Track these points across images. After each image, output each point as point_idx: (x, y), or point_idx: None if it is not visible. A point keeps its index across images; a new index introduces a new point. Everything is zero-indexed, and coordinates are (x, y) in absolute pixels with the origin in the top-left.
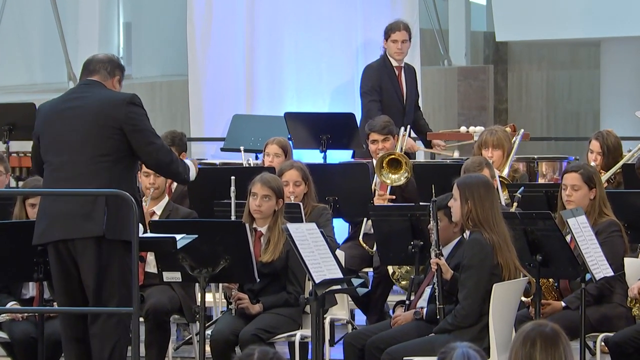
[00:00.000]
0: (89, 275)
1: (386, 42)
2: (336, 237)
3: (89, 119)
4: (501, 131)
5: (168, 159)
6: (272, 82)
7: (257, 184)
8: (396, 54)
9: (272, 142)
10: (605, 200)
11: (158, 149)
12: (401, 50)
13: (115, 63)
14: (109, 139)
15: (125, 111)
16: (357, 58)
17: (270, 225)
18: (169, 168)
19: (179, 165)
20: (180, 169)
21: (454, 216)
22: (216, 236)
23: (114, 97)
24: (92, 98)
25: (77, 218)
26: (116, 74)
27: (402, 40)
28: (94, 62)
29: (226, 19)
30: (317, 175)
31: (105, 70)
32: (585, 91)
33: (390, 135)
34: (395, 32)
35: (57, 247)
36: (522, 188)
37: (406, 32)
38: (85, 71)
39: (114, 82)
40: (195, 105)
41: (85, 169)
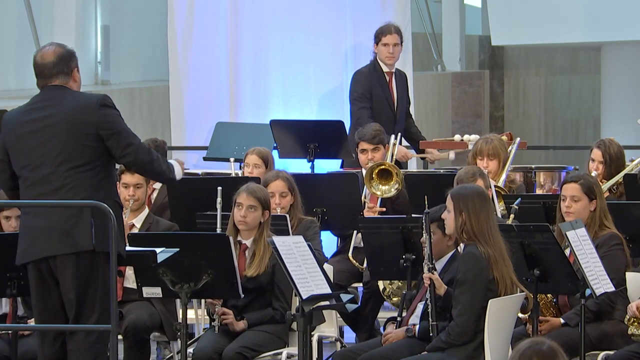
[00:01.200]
0: (71, 290)
1: (376, 46)
2: (324, 250)
3: (63, 128)
4: (497, 140)
5: (149, 158)
6: (257, 88)
7: (243, 194)
8: (387, 58)
9: (251, 152)
10: (606, 212)
11: (137, 149)
12: (392, 55)
13: (66, 57)
14: (87, 148)
15: (99, 115)
16: (346, 63)
17: (255, 237)
18: (152, 167)
19: (162, 163)
20: (164, 167)
21: (448, 229)
22: (198, 249)
23: (84, 101)
24: (62, 106)
25: (60, 233)
26: (72, 66)
27: (393, 44)
28: (47, 68)
29: (209, 22)
30: (304, 186)
31: (62, 73)
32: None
33: (380, 144)
34: (387, 36)
35: (38, 265)
36: (519, 199)
37: (398, 35)
38: (41, 78)
39: (74, 76)
40: (176, 112)
41: (64, 182)
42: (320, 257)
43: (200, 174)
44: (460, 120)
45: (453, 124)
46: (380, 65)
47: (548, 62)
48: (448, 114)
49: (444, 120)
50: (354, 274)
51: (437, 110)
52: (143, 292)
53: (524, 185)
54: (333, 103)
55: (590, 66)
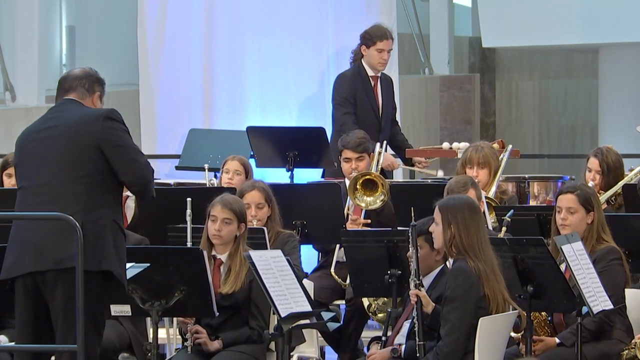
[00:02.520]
0: (59, 309)
1: (367, 49)
2: (304, 265)
3: (64, 139)
4: (488, 147)
5: (150, 178)
6: (232, 92)
7: (217, 206)
8: (380, 64)
9: (232, 158)
10: (604, 225)
11: (142, 167)
12: (385, 62)
13: (93, 78)
14: (87, 159)
15: (102, 127)
16: (328, 66)
17: (231, 252)
18: (149, 187)
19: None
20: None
21: (436, 242)
22: (170, 265)
23: (89, 113)
24: (67, 117)
25: (51, 247)
26: (95, 90)
27: (388, 50)
28: (69, 79)
29: (181, 22)
30: (283, 197)
31: (82, 87)
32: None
33: (365, 153)
34: (383, 41)
35: (25, 281)
36: (512, 211)
37: (392, 40)
38: (61, 90)
39: (93, 99)
40: (146, 119)
41: (61, 193)
42: (300, 273)
43: (172, 184)
44: (449, 127)
45: (441, 131)
46: (366, 68)
47: (542, 65)
48: (436, 120)
49: (431, 126)
50: (336, 291)
51: (424, 116)
52: (111, 310)
53: (517, 196)
54: (314, 109)
55: (587, 69)
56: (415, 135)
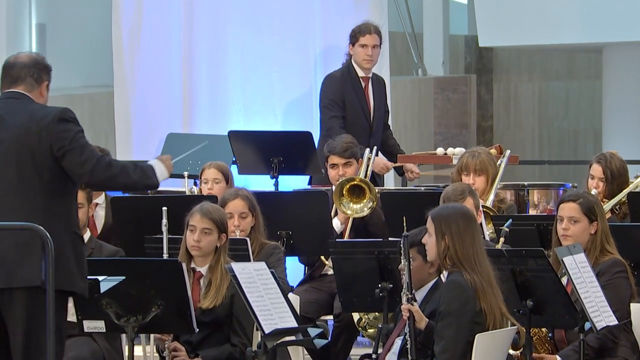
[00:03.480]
0: (19, 330)
1: (352, 47)
2: (290, 278)
3: (15, 144)
4: (485, 153)
5: (109, 174)
6: (213, 94)
7: (196, 215)
8: (365, 61)
9: (208, 166)
10: (608, 236)
11: (93, 167)
12: (371, 58)
13: (41, 65)
14: (41, 167)
15: (56, 130)
16: (315, 67)
17: (211, 264)
18: (117, 182)
19: (132, 173)
20: (134, 176)
21: (429, 254)
22: (147, 278)
23: (40, 115)
24: (18, 119)
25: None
26: (44, 79)
27: (372, 46)
28: (17, 67)
29: (159, 20)
30: (267, 206)
31: (31, 78)
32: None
33: (353, 158)
34: (365, 35)
35: None
36: (510, 221)
37: (377, 35)
38: (8, 78)
39: (42, 89)
40: (122, 122)
41: (12, 203)
42: (285, 287)
43: (150, 192)
44: (444, 131)
45: (435, 136)
46: (355, 69)
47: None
48: (430, 124)
49: (425, 131)
50: (324, 306)
51: (418, 119)
52: (84, 327)
53: (516, 204)
54: (300, 112)
55: (590, 70)
56: (407, 140)
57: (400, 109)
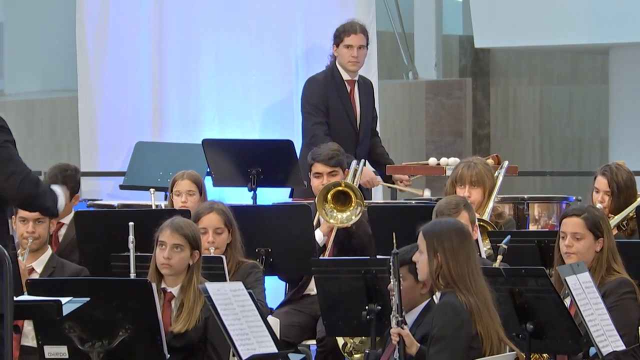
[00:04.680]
0: None
1: (337, 48)
2: (269, 300)
3: None
4: (481, 164)
5: (34, 192)
6: (185, 99)
7: (166, 231)
8: (350, 63)
9: (181, 177)
10: (615, 253)
11: (21, 181)
12: (357, 59)
13: None
14: None
15: None
16: (297, 69)
17: (183, 284)
18: (36, 203)
19: (48, 198)
20: (49, 202)
21: (421, 274)
22: (114, 299)
23: None
24: None
25: None
26: None
27: (358, 46)
28: None
29: (127, 20)
30: (245, 221)
31: None
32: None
33: (338, 167)
34: (350, 35)
35: None
36: (508, 237)
37: (364, 35)
38: None
39: None
40: (86, 130)
41: None
42: (264, 308)
43: (116, 206)
44: (437, 140)
45: (427, 144)
46: (340, 71)
47: (544, 68)
48: (421, 132)
49: (416, 139)
50: (306, 329)
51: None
52: (45, 353)
53: (515, 219)
54: (280, 119)
55: (595, 73)
56: (397, 149)
57: (389, 116)
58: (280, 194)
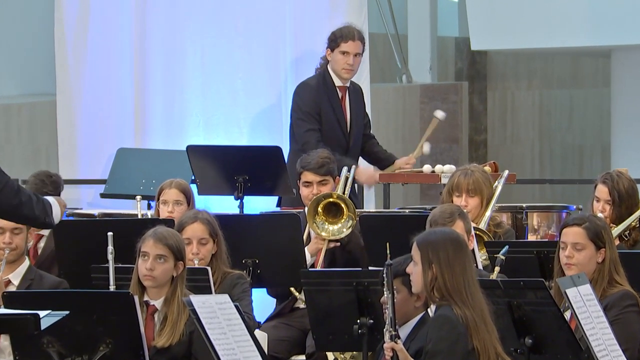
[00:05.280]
0: None
1: (331, 52)
2: (256, 313)
3: None
4: (478, 171)
5: (16, 201)
6: (169, 104)
7: (149, 241)
8: (345, 70)
9: (169, 185)
10: (617, 265)
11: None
12: (351, 67)
13: None
14: None
15: None
16: (286, 73)
17: (167, 297)
18: (20, 212)
19: (35, 206)
20: (36, 211)
21: (415, 286)
22: (94, 312)
23: None
24: None
25: None
26: None
27: (354, 54)
28: None
29: (108, 19)
30: (231, 231)
31: None
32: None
33: (329, 176)
34: (347, 42)
35: None
36: (506, 247)
37: (361, 43)
38: None
39: None
40: (65, 135)
41: None
42: (251, 322)
43: (97, 216)
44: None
45: None
46: (332, 77)
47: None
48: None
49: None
50: (295, 343)
51: (402, 133)
52: None
53: (513, 229)
54: (268, 124)
55: (597, 77)
56: None
57: (382, 121)
58: (268, 202)
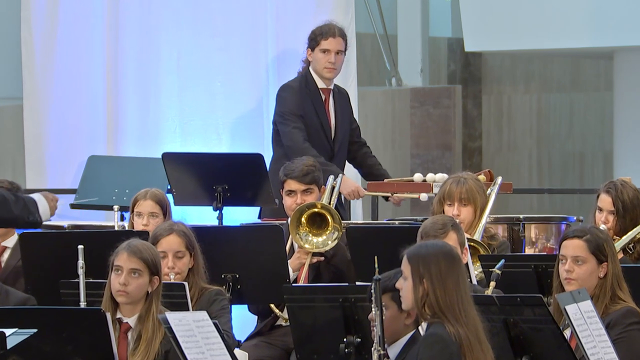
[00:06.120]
0: None
1: (312, 52)
2: (236, 331)
3: None
4: (472, 180)
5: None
6: (144, 109)
7: (122, 254)
8: (327, 70)
9: (143, 196)
10: (620, 280)
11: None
12: (334, 66)
13: None
14: None
15: None
16: (267, 75)
17: (141, 314)
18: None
19: (14, 206)
20: (15, 211)
21: (405, 302)
22: (63, 330)
23: None
24: None
25: None
26: None
27: (336, 51)
28: None
29: (79, 20)
30: (209, 244)
31: None
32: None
33: (314, 184)
34: (328, 39)
35: None
36: (502, 261)
37: (342, 39)
38: None
39: None
40: (32, 142)
41: None
42: (231, 341)
43: (66, 227)
44: (423, 154)
45: (412, 159)
46: (314, 79)
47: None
48: (406, 145)
49: (399, 153)
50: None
51: (391, 139)
52: None
53: (509, 242)
54: (249, 130)
55: (598, 80)
56: None
57: (370, 126)
58: (249, 213)
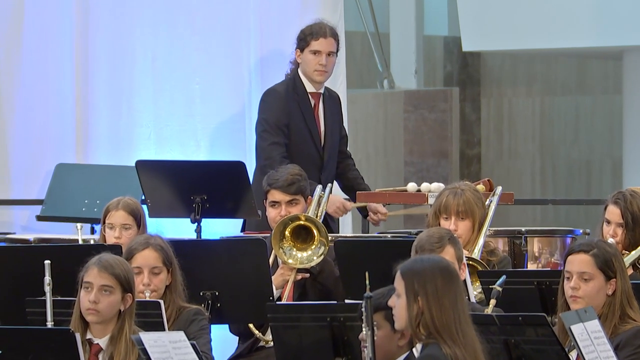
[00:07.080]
0: None
1: (301, 53)
2: (216, 353)
3: None
4: (470, 191)
5: None
6: (116, 114)
7: (93, 270)
8: (317, 72)
9: (115, 206)
10: (630, 297)
11: None
12: (325, 68)
13: None
14: None
15: None
16: (250, 78)
17: (113, 334)
18: None
19: None
20: None
21: (398, 321)
22: (29, 352)
23: None
24: None
25: None
26: None
27: (327, 53)
28: None
29: (46, 16)
30: (187, 259)
31: None
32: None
33: (299, 195)
34: (319, 39)
35: None
36: (503, 277)
37: (334, 40)
38: None
39: None
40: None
41: None
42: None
43: (32, 241)
44: (417, 162)
45: (406, 167)
46: (303, 82)
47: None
48: (399, 152)
49: (392, 160)
50: None
51: (383, 145)
52: None
53: (510, 257)
54: (230, 136)
55: (606, 82)
56: (369, 172)
57: (360, 132)
58: (230, 226)
